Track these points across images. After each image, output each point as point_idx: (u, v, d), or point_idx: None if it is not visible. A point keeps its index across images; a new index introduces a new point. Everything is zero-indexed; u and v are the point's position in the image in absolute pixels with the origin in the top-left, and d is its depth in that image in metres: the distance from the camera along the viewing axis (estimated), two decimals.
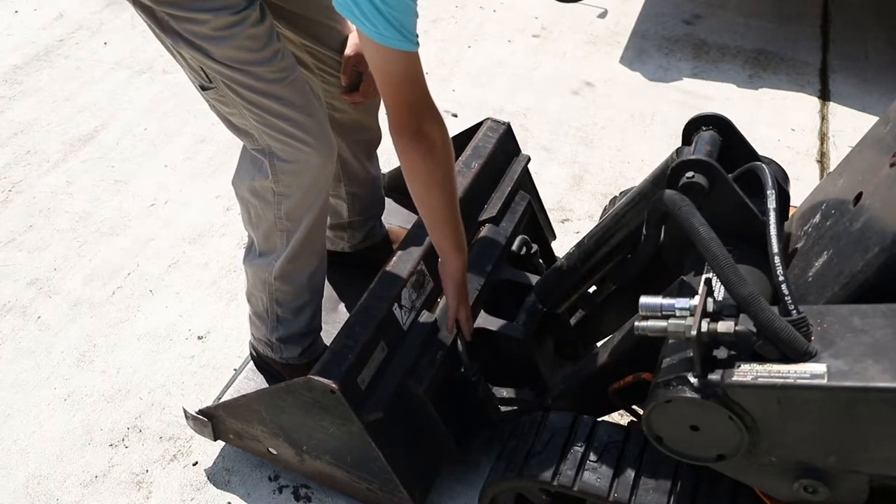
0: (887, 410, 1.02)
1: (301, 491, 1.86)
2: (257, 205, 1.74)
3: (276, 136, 1.62)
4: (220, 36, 1.50)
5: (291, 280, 1.82)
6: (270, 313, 1.87)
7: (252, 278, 1.87)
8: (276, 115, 1.59)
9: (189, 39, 1.52)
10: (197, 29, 1.51)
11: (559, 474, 1.39)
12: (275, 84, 1.58)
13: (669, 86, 3.30)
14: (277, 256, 1.78)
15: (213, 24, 1.49)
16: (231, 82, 1.56)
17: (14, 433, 2.02)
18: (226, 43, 1.51)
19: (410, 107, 1.46)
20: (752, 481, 1.24)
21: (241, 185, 1.77)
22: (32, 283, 2.43)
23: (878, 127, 1.44)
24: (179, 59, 1.61)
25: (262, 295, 1.85)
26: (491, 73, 3.39)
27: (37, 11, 3.82)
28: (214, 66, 1.54)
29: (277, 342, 1.90)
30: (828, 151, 2.93)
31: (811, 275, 1.31)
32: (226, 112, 1.65)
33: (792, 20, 3.73)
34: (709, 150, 1.43)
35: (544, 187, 2.52)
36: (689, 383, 1.12)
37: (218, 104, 1.65)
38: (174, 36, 1.54)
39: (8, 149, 2.97)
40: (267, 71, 1.57)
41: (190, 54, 1.55)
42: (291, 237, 1.76)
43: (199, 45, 1.52)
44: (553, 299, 1.79)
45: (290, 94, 1.60)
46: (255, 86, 1.56)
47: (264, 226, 1.77)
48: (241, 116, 1.63)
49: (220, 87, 1.59)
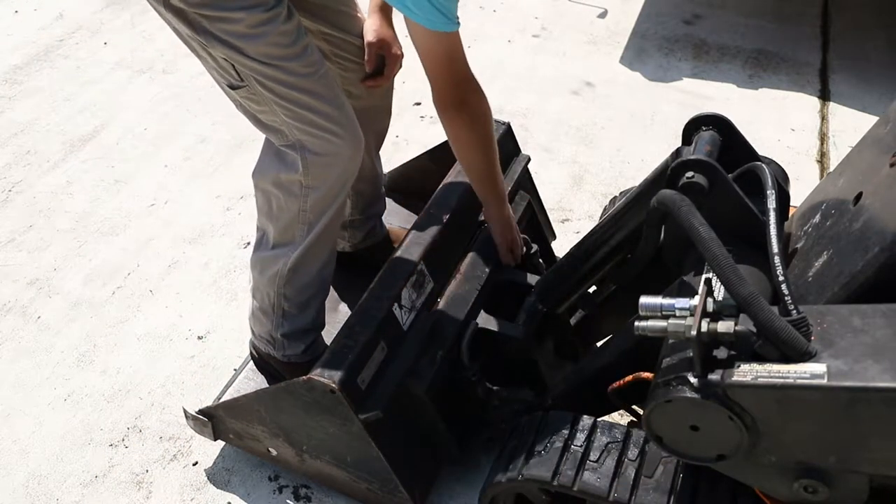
0: (887, 410, 1.02)
1: (301, 491, 1.87)
2: (281, 196, 1.75)
3: (308, 130, 1.65)
4: (254, 33, 1.54)
5: (304, 271, 1.82)
6: (276, 308, 1.86)
7: (262, 271, 1.86)
8: (307, 108, 1.63)
9: (223, 38, 1.55)
10: (232, 28, 1.54)
11: (559, 474, 1.39)
12: (306, 78, 1.62)
13: (669, 86, 3.30)
14: (295, 247, 1.79)
15: (247, 21, 1.53)
16: (264, 78, 1.59)
17: (14, 433, 2.02)
18: (260, 40, 1.55)
19: (454, 82, 1.61)
20: (752, 481, 1.24)
21: (264, 178, 1.78)
22: (32, 283, 2.43)
23: (877, 127, 1.44)
24: (208, 59, 1.63)
25: (269, 289, 1.85)
26: (491, 73, 3.38)
27: (37, 11, 3.82)
28: (248, 62, 1.57)
29: (281, 338, 1.90)
30: (828, 151, 2.93)
31: (811, 275, 1.31)
32: (255, 110, 1.68)
33: (792, 20, 3.73)
34: (709, 150, 1.43)
35: (544, 187, 2.52)
36: (689, 383, 1.12)
37: (248, 102, 1.67)
38: (207, 36, 1.56)
39: (8, 149, 2.97)
40: (299, 66, 1.61)
41: (224, 53, 1.57)
42: (312, 229, 1.77)
43: (233, 43, 1.56)
44: (553, 299, 1.79)
45: (320, 87, 1.64)
46: (287, 80, 1.60)
47: (286, 217, 1.77)
48: (271, 113, 1.65)
49: (251, 84, 1.61)
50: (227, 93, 1.70)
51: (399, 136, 3.01)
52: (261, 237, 1.87)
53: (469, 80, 1.64)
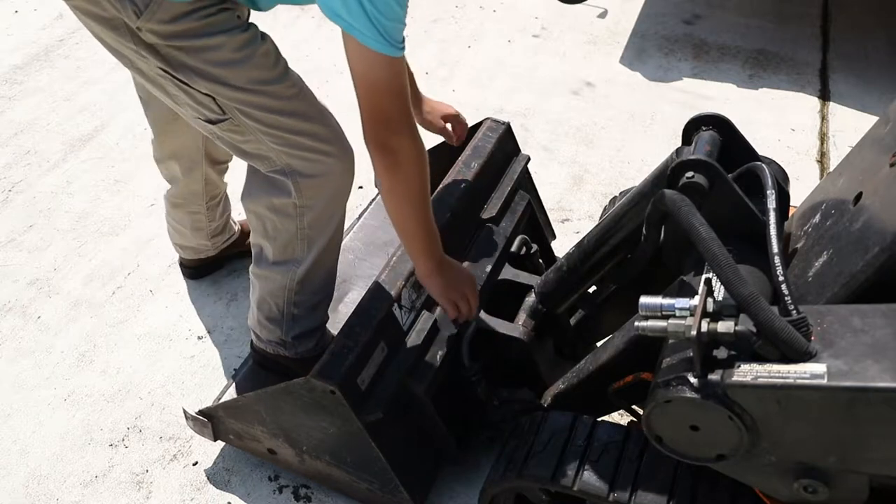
0: (887, 410, 1.02)
1: (301, 491, 1.86)
2: (275, 219, 1.72)
3: (297, 154, 1.60)
4: (239, 58, 1.49)
5: (313, 281, 1.81)
6: (286, 315, 1.85)
7: (267, 285, 1.82)
8: (294, 132, 1.57)
9: (205, 71, 1.49)
10: (214, 56, 1.48)
11: (559, 474, 1.39)
12: (291, 101, 1.57)
13: (669, 86, 3.30)
14: (299, 262, 1.76)
15: (229, 45, 1.48)
16: (249, 107, 1.54)
17: (14, 433, 2.02)
18: (245, 64, 1.50)
19: (382, 117, 1.40)
20: (751, 481, 1.24)
21: (256, 203, 1.73)
22: (32, 283, 2.43)
23: (877, 127, 1.44)
24: (182, 96, 1.57)
25: (277, 301, 1.83)
26: (491, 73, 3.39)
27: (37, 11, 3.82)
28: (232, 94, 1.52)
29: (293, 340, 1.89)
30: (828, 151, 2.93)
31: (811, 275, 1.31)
32: (238, 141, 1.62)
33: (792, 20, 3.73)
34: (709, 150, 1.43)
35: (544, 187, 2.52)
36: (689, 383, 1.12)
37: (229, 135, 1.61)
38: (186, 72, 1.49)
39: (8, 149, 2.97)
40: (283, 88, 1.56)
41: (206, 87, 1.51)
42: (314, 244, 1.74)
43: (217, 74, 1.49)
44: (553, 299, 1.79)
45: (305, 107, 1.60)
46: (273, 106, 1.55)
47: (283, 237, 1.74)
48: (256, 142, 1.60)
49: (235, 116, 1.56)
50: (203, 127, 1.62)
51: None
52: (259, 252, 1.84)
53: (402, 121, 1.41)
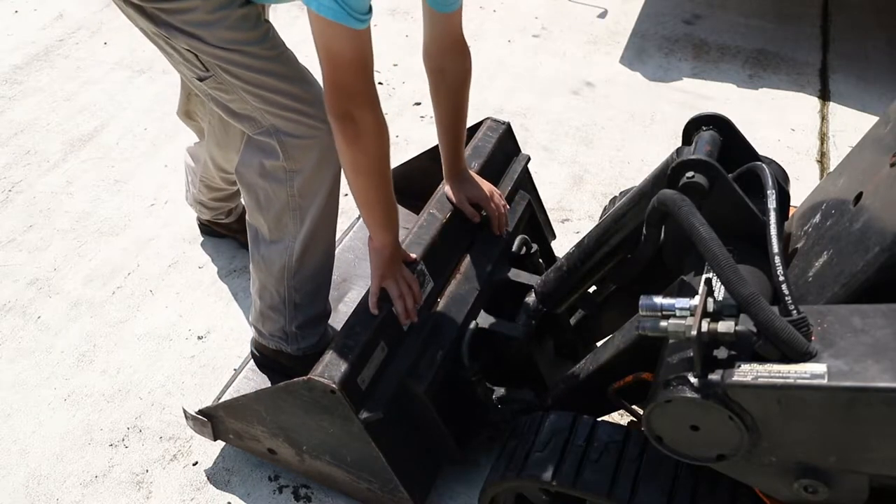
0: (887, 410, 1.02)
1: (301, 491, 1.86)
2: (267, 187, 1.75)
3: (279, 113, 1.65)
4: (212, 19, 1.56)
5: (310, 259, 1.82)
6: (288, 302, 1.86)
7: (267, 268, 1.84)
8: (275, 91, 1.63)
9: (183, 29, 1.58)
10: (190, 17, 1.56)
11: (559, 474, 1.39)
12: (270, 61, 1.62)
13: (669, 86, 3.30)
14: (293, 238, 1.79)
15: (203, 7, 1.55)
16: (228, 64, 1.61)
17: (14, 433, 2.02)
18: (219, 25, 1.56)
19: (344, 89, 1.42)
20: (752, 481, 1.24)
21: (249, 170, 1.77)
22: (32, 283, 2.43)
23: (877, 127, 1.44)
24: (174, 54, 1.65)
25: (278, 286, 1.84)
26: (491, 73, 3.38)
27: (37, 11, 3.82)
28: (210, 50, 1.59)
29: (296, 331, 1.89)
30: (828, 151, 2.93)
31: (811, 275, 1.31)
32: (225, 100, 1.69)
33: (792, 20, 3.73)
34: (709, 150, 1.43)
35: (544, 187, 2.52)
36: (689, 383, 1.12)
37: (217, 92, 1.68)
38: (168, 28, 1.59)
39: (8, 149, 2.97)
40: (260, 49, 1.61)
41: (186, 44, 1.59)
42: (306, 215, 1.76)
43: (193, 32, 1.57)
44: (553, 299, 1.79)
45: (285, 69, 1.65)
46: (251, 64, 1.61)
47: (276, 207, 1.77)
48: (241, 101, 1.66)
49: (217, 73, 1.63)
50: (198, 87, 1.71)
51: (399, 136, 3.00)
52: (255, 234, 1.86)
53: (365, 93, 1.44)
